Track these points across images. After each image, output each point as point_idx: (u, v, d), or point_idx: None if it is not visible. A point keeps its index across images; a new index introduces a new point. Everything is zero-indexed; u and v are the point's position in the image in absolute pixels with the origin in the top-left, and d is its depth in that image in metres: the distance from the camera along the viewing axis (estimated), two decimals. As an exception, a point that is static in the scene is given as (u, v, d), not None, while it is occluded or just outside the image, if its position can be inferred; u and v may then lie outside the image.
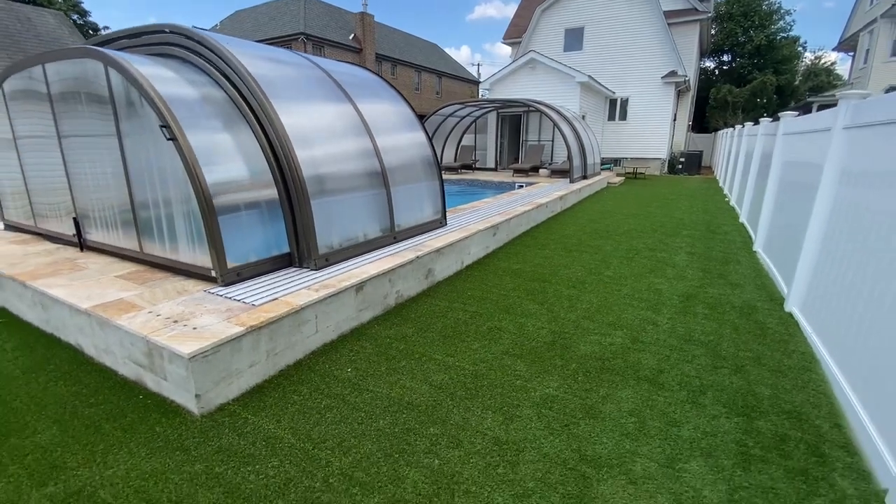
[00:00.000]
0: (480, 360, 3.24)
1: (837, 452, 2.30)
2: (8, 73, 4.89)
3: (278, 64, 4.61)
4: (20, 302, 3.98)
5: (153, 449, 2.31)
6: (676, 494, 2.02)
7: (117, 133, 3.83)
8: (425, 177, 5.64)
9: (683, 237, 7.31)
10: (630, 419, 2.56)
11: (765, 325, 3.89)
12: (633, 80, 19.74)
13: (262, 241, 3.89)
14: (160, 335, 2.71)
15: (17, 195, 5.50)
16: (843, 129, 3.60)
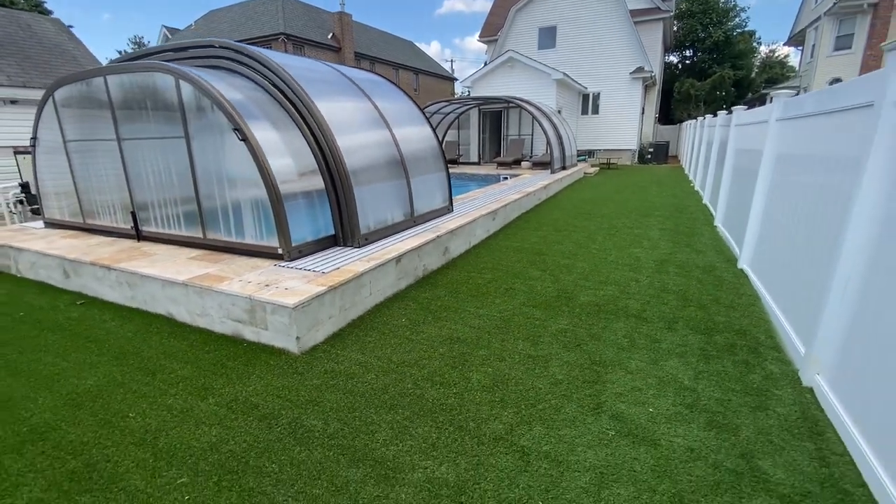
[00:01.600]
0: (504, 310, 4.10)
1: (769, 351, 3.26)
2: (61, 83, 5.43)
3: (311, 71, 5.33)
4: (100, 284, 4.60)
5: (275, 374, 3.07)
6: (659, 378, 2.92)
7: (185, 136, 4.49)
8: (435, 168, 6.45)
9: (656, 217, 8.35)
10: (624, 339, 3.47)
11: (722, 278, 4.89)
12: (604, 76, 20.94)
13: (313, 224, 4.63)
14: (262, 294, 3.45)
15: (63, 195, 6.02)
16: (777, 120, 4.60)
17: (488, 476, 2.11)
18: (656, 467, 2.14)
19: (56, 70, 9.63)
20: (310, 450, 2.31)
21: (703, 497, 1.97)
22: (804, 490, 2.00)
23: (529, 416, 2.55)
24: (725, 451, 2.26)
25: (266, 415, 2.61)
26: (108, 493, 2.06)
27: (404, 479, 2.10)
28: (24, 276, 5.39)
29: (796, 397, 2.70)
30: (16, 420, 2.61)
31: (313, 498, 2.00)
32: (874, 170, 2.38)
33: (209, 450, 2.32)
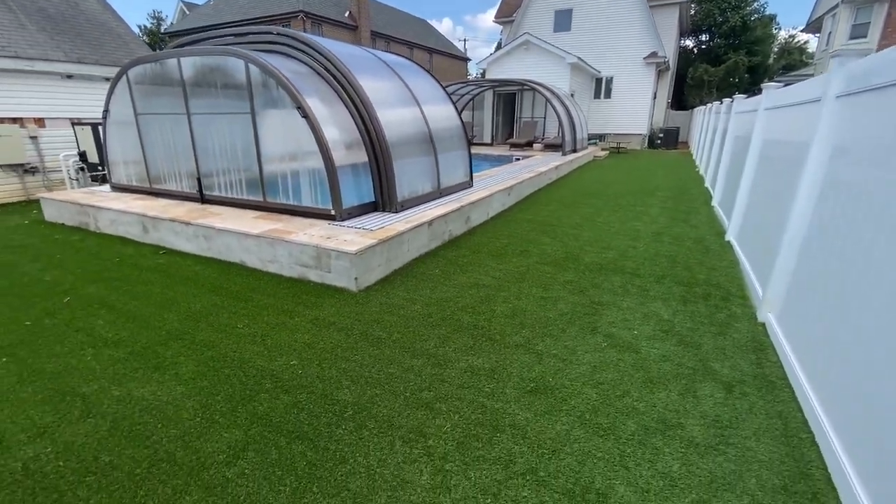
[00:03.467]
0: (520, 265, 4.88)
1: (736, 299, 4.03)
2: (136, 62, 6.18)
3: (354, 56, 6.02)
4: (177, 237, 5.44)
5: (341, 304, 3.89)
6: (644, 313, 3.71)
7: (251, 111, 5.25)
8: (459, 146, 7.17)
9: (658, 197, 9.04)
10: (619, 288, 4.25)
11: (709, 247, 5.63)
12: (617, 61, 21.23)
13: (357, 191, 5.40)
14: (326, 244, 4.26)
15: (131, 163, 6.83)
16: (764, 110, 5.26)
17: (512, 365, 2.93)
18: (635, 364, 2.95)
19: (104, 47, 10.34)
20: (381, 349, 3.14)
21: (667, 381, 2.77)
22: (740, 379, 2.80)
23: (542, 333, 3.36)
24: (688, 357, 3.05)
25: (342, 328, 3.44)
26: (241, 369, 2.90)
27: (452, 366, 2.93)
28: (104, 232, 6.24)
29: (751, 328, 3.48)
30: (153, 328, 3.47)
31: (388, 375, 2.83)
32: (815, 149, 3.10)
33: (306, 347, 3.16)
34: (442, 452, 2.16)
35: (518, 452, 2.16)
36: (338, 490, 1.94)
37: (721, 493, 1.93)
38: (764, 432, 2.31)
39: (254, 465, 2.08)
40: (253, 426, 2.34)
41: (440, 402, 2.55)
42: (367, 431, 2.31)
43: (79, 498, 1.92)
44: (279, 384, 2.71)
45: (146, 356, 3.04)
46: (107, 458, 2.13)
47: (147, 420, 2.40)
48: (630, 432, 2.30)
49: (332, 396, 2.60)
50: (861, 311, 2.09)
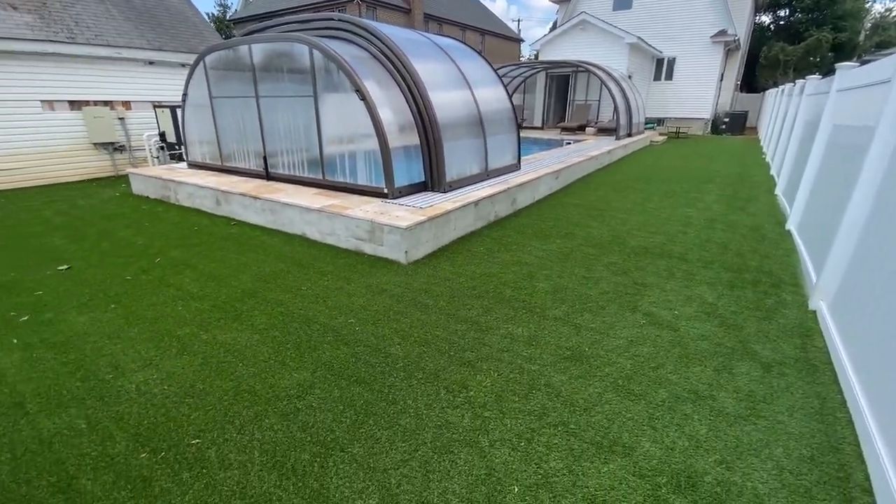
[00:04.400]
0: (564, 247, 4.98)
1: (788, 287, 3.95)
2: (211, 49, 6.74)
3: (409, 40, 6.23)
4: (245, 210, 5.97)
5: (392, 274, 4.20)
6: (688, 296, 3.74)
7: (314, 94, 5.62)
8: (508, 129, 7.25)
9: (716, 183, 8.68)
10: (664, 271, 4.27)
11: (766, 236, 5.44)
12: (681, 40, 20.05)
13: (408, 171, 5.67)
14: (380, 219, 4.57)
15: (205, 143, 7.49)
16: (837, 91, 4.96)
17: (551, 335, 3.11)
18: (672, 341, 3.04)
19: (181, 35, 11.21)
20: (428, 314, 3.41)
21: (703, 358, 2.84)
22: (781, 361, 2.82)
23: (581, 309, 3.49)
24: (728, 338, 3.09)
25: (394, 295, 3.75)
26: (306, 324, 3.27)
27: (493, 332, 3.15)
28: (182, 204, 6.94)
29: (800, 315, 3.44)
30: (230, 286, 3.93)
31: (435, 336, 3.10)
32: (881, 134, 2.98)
33: (362, 308, 3.49)
34: (482, 402, 2.40)
35: (551, 408, 2.36)
36: (390, 424, 2.24)
37: (745, 457, 2.04)
38: (798, 409, 2.36)
39: (320, 400, 2.42)
40: (318, 370, 2.69)
41: (481, 361, 2.79)
42: (416, 381, 2.59)
43: (181, 413, 2.33)
44: (339, 338, 3.05)
45: (226, 309, 3.49)
46: (201, 386, 2.55)
47: (230, 359, 2.81)
48: (661, 399, 2.43)
49: (384, 350, 2.90)
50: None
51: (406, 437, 2.15)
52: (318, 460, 2.02)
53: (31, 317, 3.45)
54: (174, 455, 2.06)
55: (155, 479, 1.93)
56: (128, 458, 2.05)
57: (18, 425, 2.28)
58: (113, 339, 3.10)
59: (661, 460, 2.01)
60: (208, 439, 2.15)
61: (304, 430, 2.21)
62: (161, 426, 2.25)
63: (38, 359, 2.88)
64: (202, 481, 1.92)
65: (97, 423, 2.28)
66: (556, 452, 2.06)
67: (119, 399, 2.46)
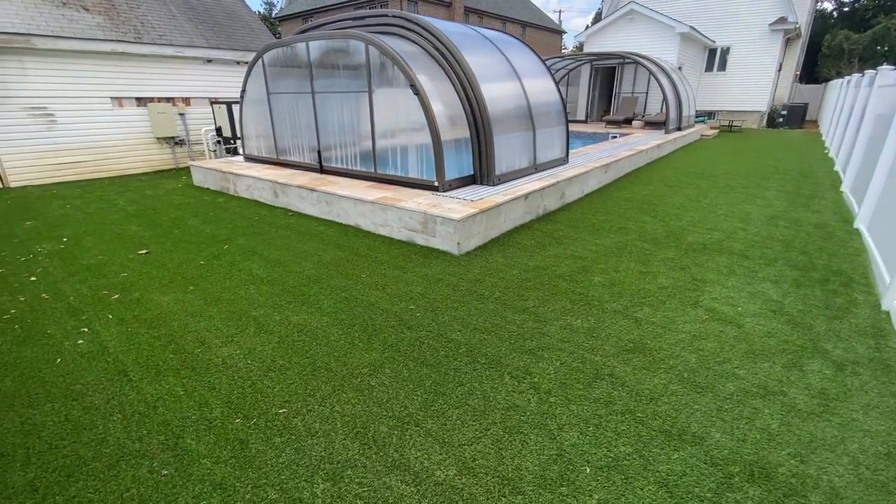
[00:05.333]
0: (617, 242, 4.94)
1: (859, 286, 3.77)
2: (269, 47, 7.05)
3: (460, 33, 6.29)
4: (302, 202, 6.24)
5: (446, 265, 4.31)
6: (751, 293, 3.65)
7: (368, 90, 5.80)
8: (557, 122, 7.20)
9: (775, 179, 8.29)
10: (724, 268, 4.17)
11: (833, 234, 5.18)
12: (737, 28, 19.07)
13: (458, 165, 5.76)
14: (433, 210, 4.69)
15: (262, 137, 7.85)
16: None
17: (611, 327, 3.13)
18: (737, 336, 2.99)
19: (236, 34, 11.75)
20: (484, 304, 3.50)
21: (770, 354, 2.79)
22: (854, 360, 2.73)
23: (640, 303, 3.48)
24: (797, 336, 3.01)
25: (449, 284, 3.86)
26: (370, 309, 3.43)
27: (551, 323, 3.20)
28: (241, 196, 7.32)
29: (873, 315, 3.29)
30: (294, 273, 4.16)
31: (494, 324, 3.18)
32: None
33: (420, 296, 3.62)
34: (546, 388, 2.47)
35: (617, 397, 2.40)
36: (460, 404, 2.35)
37: (820, 451, 2.01)
38: (874, 408, 2.30)
39: (391, 378, 2.56)
40: (386, 351, 2.83)
41: (542, 350, 2.85)
42: (480, 365, 2.68)
43: (266, 385, 2.53)
44: (402, 323, 3.20)
45: (294, 293, 3.71)
46: (280, 362, 2.75)
47: (304, 339, 3.00)
48: (728, 392, 2.42)
49: (446, 336, 3.01)
50: None
51: (476, 417, 2.25)
52: (395, 433, 2.15)
53: (121, 296, 3.79)
54: (264, 422, 2.25)
55: (251, 441, 2.13)
56: (224, 423, 2.26)
57: (125, 391, 2.55)
58: (196, 317, 3.36)
59: (733, 451, 2.02)
60: (293, 409, 2.33)
61: (380, 405, 2.35)
62: (249, 396, 2.45)
63: (133, 333, 3.17)
64: (292, 446, 2.09)
65: (193, 390, 2.51)
66: (625, 438, 2.10)
67: (209, 370, 2.69)
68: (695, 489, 1.84)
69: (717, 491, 1.82)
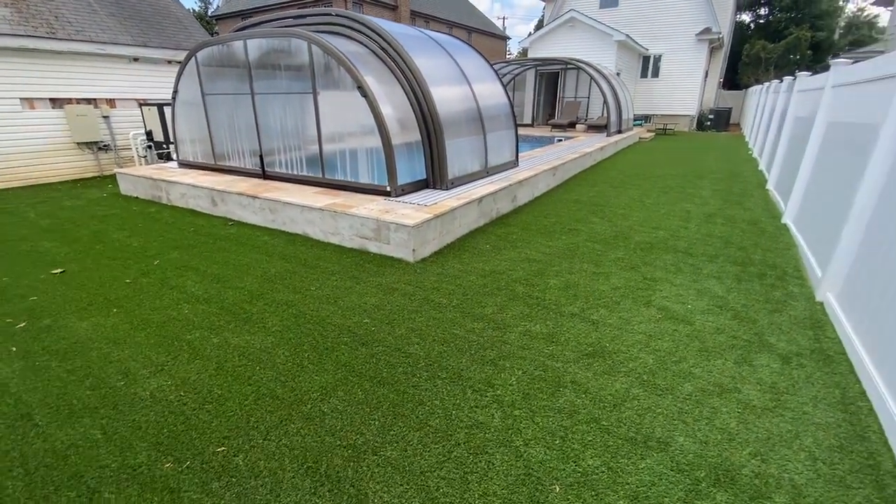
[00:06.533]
0: (569, 243, 4.99)
1: (793, 279, 4.01)
2: (203, 45, 6.57)
3: (407, 35, 6.15)
4: (243, 210, 5.84)
5: (401, 273, 4.15)
6: (698, 290, 3.77)
7: (313, 91, 5.52)
8: (506, 125, 7.24)
9: (709, 179, 8.80)
10: (671, 266, 4.30)
11: (765, 229, 5.53)
12: (667, 37, 20.30)
13: (410, 169, 5.61)
14: (386, 217, 4.51)
15: (197, 141, 7.31)
16: (832, 87, 5.05)
17: (569, 331, 3.10)
18: (690, 335, 3.05)
19: (166, 31, 10.92)
20: (442, 313, 3.37)
21: (722, 351, 2.86)
22: (798, 352, 2.85)
23: (596, 305, 3.49)
24: (743, 331, 3.12)
25: (405, 293, 3.69)
26: (320, 325, 3.20)
27: (511, 330, 3.12)
28: (175, 204, 6.76)
29: (808, 307, 3.49)
30: (236, 288, 3.83)
31: (453, 335, 3.06)
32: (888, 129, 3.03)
33: (375, 308, 3.44)
34: (510, 401, 2.38)
35: (580, 405, 2.34)
36: (420, 426, 2.19)
37: (778, 448, 2.05)
38: (821, 400, 2.39)
39: (344, 402, 2.36)
40: (339, 371, 2.63)
41: (503, 360, 2.76)
42: (440, 381, 2.55)
43: (202, 420, 2.26)
44: (356, 338, 3.00)
45: (235, 311, 3.40)
46: (219, 392, 2.47)
47: (246, 363, 2.73)
48: (687, 393, 2.43)
49: (404, 350, 2.85)
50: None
51: (438, 439, 2.11)
52: (351, 465, 1.97)
53: (28, 324, 3.32)
54: (200, 464, 1.99)
55: (183, 489, 1.86)
56: (151, 469, 1.97)
57: (29, 438, 2.18)
58: (119, 344, 2.99)
59: (697, 454, 2.01)
60: (234, 446, 2.08)
61: (333, 433, 2.15)
62: (182, 434, 2.17)
63: (41, 367, 2.76)
64: (233, 490, 1.85)
65: (114, 432, 2.19)
66: (592, 450, 2.04)
67: (134, 407, 2.37)
68: (664, 499, 1.80)
69: (685, 500, 1.80)
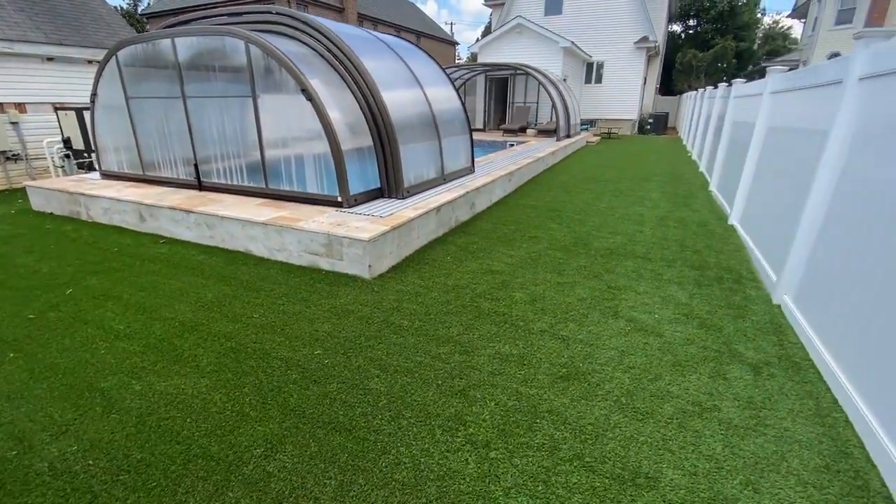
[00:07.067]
0: (531, 251, 4.86)
1: (749, 282, 4.07)
2: (125, 43, 5.91)
3: (356, 37, 5.82)
4: (176, 226, 5.27)
5: (357, 292, 3.82)
6: (662, 297, 3.72)
7: (252, 94, 5.07)
8: (461, 130, 7.07)
9: (656, 181, 9.07)
10: (632, 273, 4.25)
11: (714, 231, 5.67)
12: (608, 45, 21.11)
13: (363, 177, 5.28)
14: (338, 231, 4.16)
15: (122, 149, 6.58)
16: (770, 93, 5.26)
17: (540, 351, 2.91)
18: (661, 347, 2.96)
19: (85, 28, 9.87)
20: (404, 337, 3.09)
21: (695, 364, 2.78)
22: (766, 361, 2.82)
23: (564, 319, 3.34)
24: (712, 340, 3.07)
25: (362, 317, 3.38)
26: (264, 360, 2.82)
27: (479, 353, 2.90)
28: (97, 221, 6.02)
29: (767, 310, 3.52)
30: (165, 319, 3.36)
31: (417, 362, 2.79)
32: (835, 134, 3.10)
33: (328, 336, 3.10)
34: (484, 440, 2.14)
35: (561, 438, 2.15)
36: (385, 481, 1.91)
37: (767, 473, 1.95)
38: (798, 413, 2.34)
39: (294, 458, 2.03)
40: (286, 418, 2.28)
41: (473, 389, 2.52)
42: (405, 421, 2.27)
43: (115, 498, 1.85)
44: (306, 375, 2.65)
45: (163, 348, 2.95)
46: (138, 455, 2.06)
47: (174, 414, 2.32)
48: (668, 415, 2.30)
49: (363, 386, 2.55)
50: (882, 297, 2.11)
51: (406, 497, 1.83)
52: (303, 541, 1.65)
53: None
54: (110, 558, 1.60)
55: None
56: (43, 572, 1.55)
57: None
58: (14, 399, 2.47)
59: (689, 489, 1.86)
60: (156, 529, 1.70)
61: (281, 501, 1.82)
62: (88, 518, 1.75)
63: None
64: (152, 592, 1.49)
65: (-5, 523, 1.74)
66: (579, 494, 1.84)
67: (28, 486, 1.91)
68: (661, 548, 1.63)
69: (684, 546, 1.63)
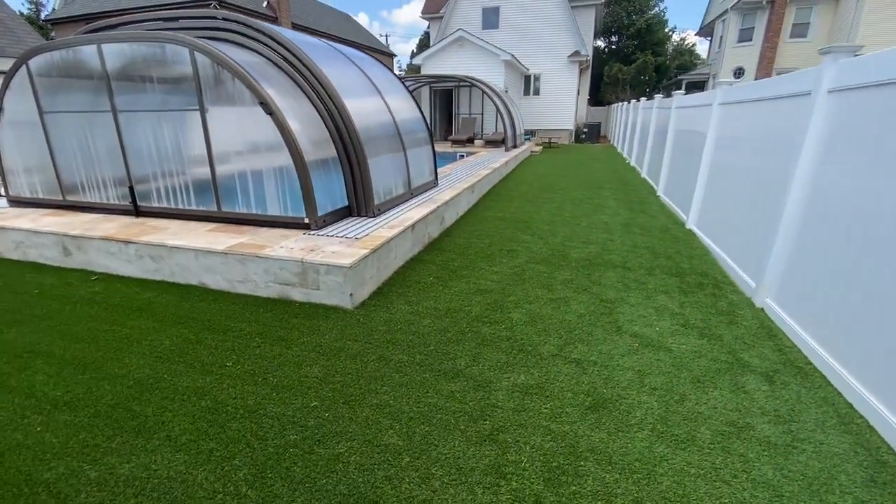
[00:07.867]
0: (513, 266, 4.73)
1: (727, 286, 4.20)
2: (37, 50, 5.09)
3: (312, 45, 5.46)
4: (112, 259, 4.56)
5: (341, 325, 3.45)
6: (655, 308, 3.72)
7: (200, 107, 4.53)
8: (424, 141, 6.85)
9: (608, 189, 9.40)
10: (618, 283, 4.25)
11: (677, 236, 5.89)
12: (544, 59, 21.98)
13: (330, 195, 4.89)
14: (312, 257, 3.77)
15: (35, 170, 5.66)
16: (719, 104, 5.56)
17: (558, 378, 2.74)
18: (675, 363, 2.90)
19: (-26, 31, 8.53)
20: (408, 375, 2.79)
21: (712, 378, 2.75)
22: (774, 368, 2.86)
23: (571, 340, 3.21)
24: (716, 350, 3.07)
25: (354, 355, 3.03)
26: (251, 420, 2.41)
27: (496, 386, 2.67)
28: (8, 258, 5.09)
29: (754, 314, 3.62)
30: (116, 377, 2.80)
31: (431, 406, 2.51)
32: (809, 145, 3.25)
33: (321, 383, 2.72)
34: (533, 494, 1.91)
35: (613, 482, 1.97)
36: (437, 564, 1.62)
37: (825, 496, 1.89)
38: (824, 423, 2.35)
39: (320, 547, 1.68)
40: (297, 495, 1.91)
41: (502, 432, 2.29)
42: (437, 482, 1.98)
43: None
44: (307, 434, 2.28)
45: (118, 417, 2.42)
46: (112, 571, 1.60)
47: (150, 506, 1.87)
48: (709, 441, 2.21)
49: (377, 442, 2.22)
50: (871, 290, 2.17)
51: (467, 580, 1.56)
52: None
53: None
54: None
55: None
56: None
57: None
58: (-84, 509, 1.88)
59: (760, 526, 1.76)
60: None
61: None
62: None
63: None
64: None
65: None
66: (654, 548, 1.67)
67: None
68: None
69: None
